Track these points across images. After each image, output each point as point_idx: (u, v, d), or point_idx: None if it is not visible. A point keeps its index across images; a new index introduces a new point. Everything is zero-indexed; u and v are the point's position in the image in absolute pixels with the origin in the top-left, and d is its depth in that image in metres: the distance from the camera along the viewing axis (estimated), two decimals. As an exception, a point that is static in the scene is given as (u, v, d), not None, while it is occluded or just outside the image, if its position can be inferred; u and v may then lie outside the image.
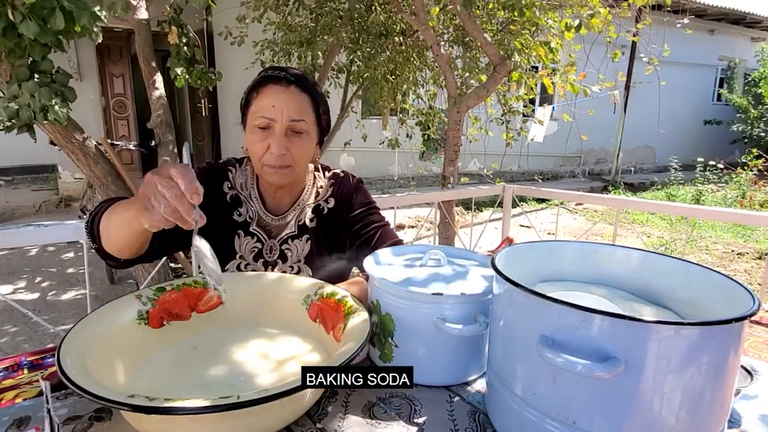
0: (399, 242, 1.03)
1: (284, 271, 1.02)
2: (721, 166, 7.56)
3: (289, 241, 1.04)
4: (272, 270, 1.02)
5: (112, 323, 0.70)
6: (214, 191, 1.01)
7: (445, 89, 3.13)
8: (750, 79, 10.72)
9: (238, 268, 1.01)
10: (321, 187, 1.09)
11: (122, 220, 0.76)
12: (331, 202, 1.07)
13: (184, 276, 0.87)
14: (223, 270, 0.99)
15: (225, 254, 1.01)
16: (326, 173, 1.11)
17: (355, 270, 1.13)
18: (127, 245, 0.81)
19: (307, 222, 1.05)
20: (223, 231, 1.01)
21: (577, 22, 2.38)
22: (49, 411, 0.50)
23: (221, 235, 1.01)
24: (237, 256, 1.01)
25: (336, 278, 1.04)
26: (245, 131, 1.00)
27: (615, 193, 8.39)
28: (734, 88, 10.93)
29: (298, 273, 1.03)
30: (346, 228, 1.07)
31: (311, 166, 1.11)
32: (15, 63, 1.85)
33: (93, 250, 0.87)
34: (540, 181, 9.18)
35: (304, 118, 0.96)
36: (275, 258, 1.03)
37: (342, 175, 1.11)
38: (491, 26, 3.18)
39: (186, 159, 0.80)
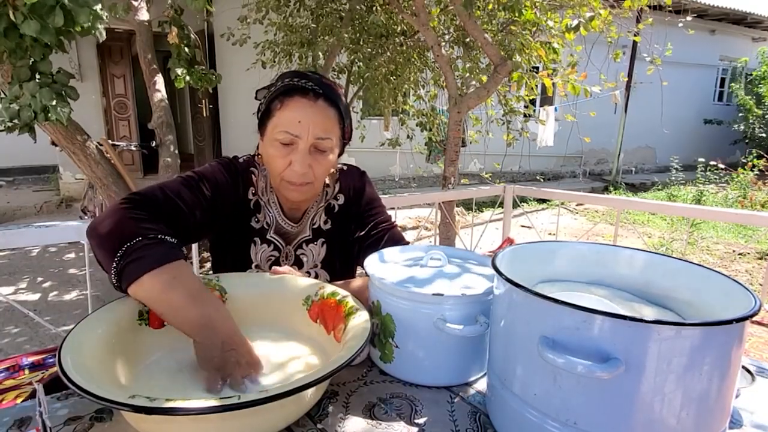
0: (405, 244, 1.01)
1: None
2: (721, 166, 7.54)
3: (304, 245, 1.01)
4: None
5: (113, 324, 0.70)
6: (236, 196, 0.95)
7: (445, 90, 3.13)
8: (751, 78, 10.68)
9: None
10: (328, 185, 1.05)
11: (169, 310, 0.69)
12: (341, 198, 1.05)
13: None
14: None
15: (240, 262, 0.97)
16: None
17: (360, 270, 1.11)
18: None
19: (322, 225, 1.03)
20: (240, 238, 0.98)
21: (575, 22, 2.38)
22: (41, 414, 0.50)
23: (237, 242, 0.97)
24: (252, 265, 0.98)
25: (349, 274, 1.05)
26: (262, 140, 0.94)
27: (616, 193, 8.39)
28: (735, 89, 10.91)
29: (315, 278, 0.99)
30: (355, 225, 1.05)
31: None
32: (16, 64, 1.86)
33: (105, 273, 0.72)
34: (541, 181, 9.18)
35: (330, 135, 0.90)
36: (291, 264, 1.00)
37: (346, 169, 1.08)
38: (492, 27, 3.18)
39: None
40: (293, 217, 1.01)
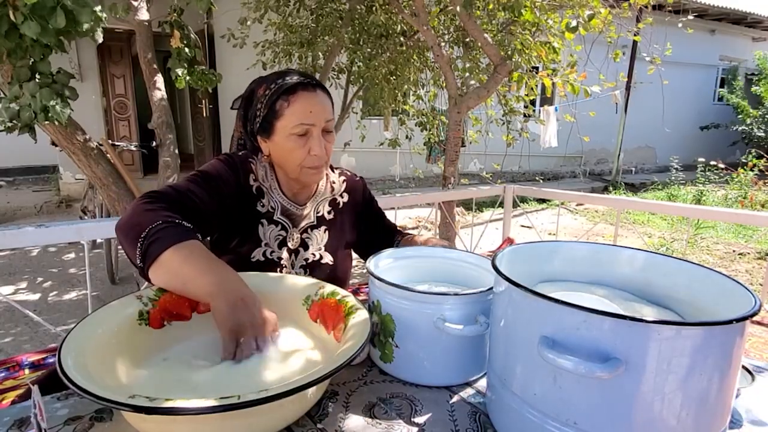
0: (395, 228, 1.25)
1: (307, 258, 1.08)
2: (721, 166, 7.54)
3: (309, 230, 1.10)
4: (296, 257, 1.07)
5: (113, 324, 0.70)
6: (239, 183, 1.04)
7: (445, 90, 3.13)
8: (753, 78, 10.64)
9: (264, 255, 1.03)
10: (334, 182, 1.17)
11: (185, 282, 0.75)
12: (345, 197, 1.17)
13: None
14: (251, 258, 1.01)
15: (250, 242, 1.04)
16: (335, 170, 1.21)
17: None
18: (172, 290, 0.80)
19: (325, 214, 1.13)
20: (248, 221, 1.05)
21: (575, 23, 2.37)
22: (36, 416, 0.50)
23: (246, 224, 1.05)
24: (263, 244, 1.05)
25: (347, 260, 1.19)
26: (270, 140, 1.01)
27: (616, 193, 8.38)
28: (734, 89, 10.88)
29: (320, 259, 1.10)
30: (361, 218, 1.20)
31: None
32: (16, 64, 1.86)
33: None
34: (541, 181, 9.18)
35: (332, 116, 1.04)
36: (298, 246, 1.08)
37: (349, 174, 1.23)
38: (492, 27, 3.18)
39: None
40: (296, 200, 1.10)
